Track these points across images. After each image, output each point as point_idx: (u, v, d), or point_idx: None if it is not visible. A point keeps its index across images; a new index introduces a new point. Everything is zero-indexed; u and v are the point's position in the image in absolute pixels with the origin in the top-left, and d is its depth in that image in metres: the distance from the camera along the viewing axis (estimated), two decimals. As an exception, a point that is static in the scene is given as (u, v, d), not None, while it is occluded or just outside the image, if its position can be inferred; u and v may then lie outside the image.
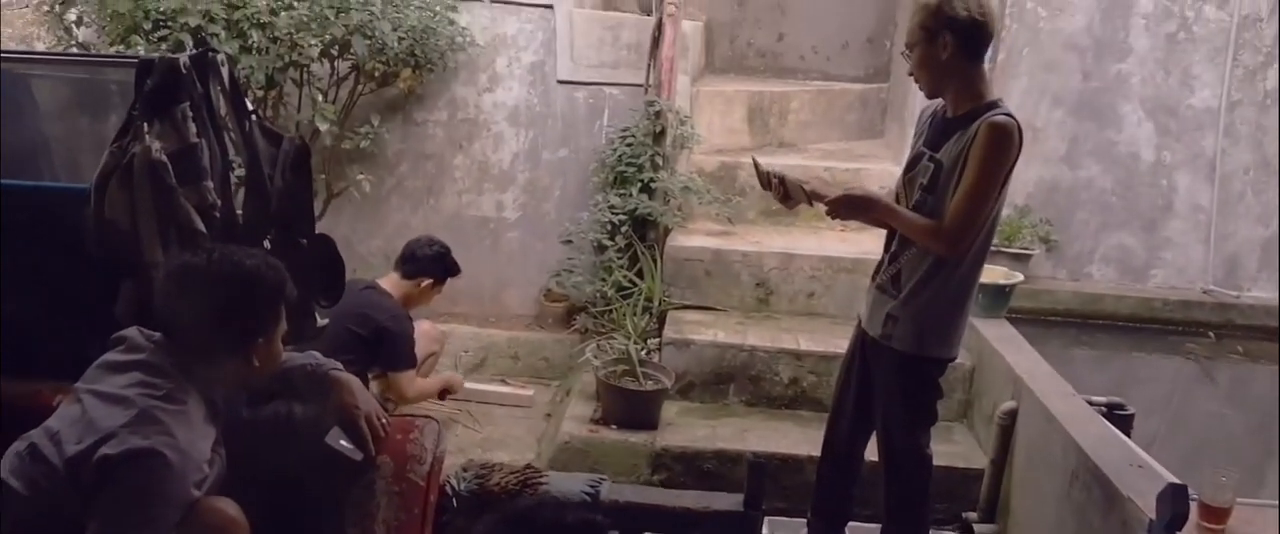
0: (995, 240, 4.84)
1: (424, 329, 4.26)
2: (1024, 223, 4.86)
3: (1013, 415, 3.48)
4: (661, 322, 4.54)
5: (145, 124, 2.18)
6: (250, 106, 2.48)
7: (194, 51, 2.34)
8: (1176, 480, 2.26)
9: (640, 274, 4.66)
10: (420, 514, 2.03)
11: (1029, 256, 4.79)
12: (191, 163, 2.23)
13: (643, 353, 4.20)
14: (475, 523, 2.12)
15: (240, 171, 2.49)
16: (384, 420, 2.10)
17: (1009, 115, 2.55)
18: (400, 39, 4.27)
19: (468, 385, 4.58)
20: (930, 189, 2.62)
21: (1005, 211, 4.97)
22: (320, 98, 4.42)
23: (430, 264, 4.09)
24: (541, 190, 5.25)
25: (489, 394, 4.71)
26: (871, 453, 3.00)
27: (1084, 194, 4.99)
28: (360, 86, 4.61)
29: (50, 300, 2.26)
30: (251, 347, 1.90)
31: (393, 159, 5.13)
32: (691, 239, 4.80)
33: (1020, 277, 4.35)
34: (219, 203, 2.29)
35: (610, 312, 4.64)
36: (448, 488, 2.21)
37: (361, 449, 2.03)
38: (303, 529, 1.99)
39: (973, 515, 3.61)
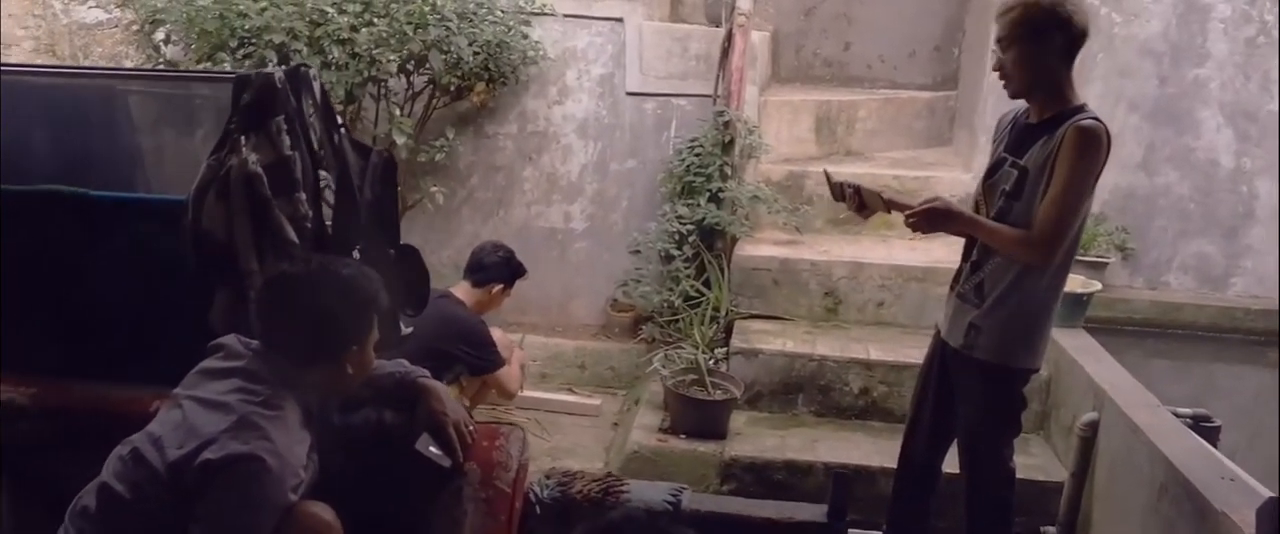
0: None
1: (497, 337, 4.32)
2: (1099, 231, 4.77)
3: (1094, 427, 3.42)
4: (728, 331, 4.54)
5: (242, 137, 2.24)
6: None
7: (288, 67, 2.40)
8: (1275, 494, 2.20)
9: (707, 283, 4.67)
10: (506, 521, 2.06)
11: (1105, 265, 4.71)
12: (285, 175, 2.29)
13: (711, 362, 4.20)
14: (564, 532, 2.17)
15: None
16: (471, 428, 2.14)
17: (1097, 119, 2.52)
18: (475, 53, 4.34)
19: (535, 394, 4.63)
20: (1015, 195, 2.59)
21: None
22: (398, 112, 4.50)
23: (499, 269, 4.15)
24: (609, 201, 5.28)
25: (556, 403, 4.74)
26: (949, 465, 2.97)
27: (1161, 201, 4.89)
28: (435, 100, 4.69)
29: (147, 309, 2.34)
30: (346, 354, 1.95)
31: (464, 171, 5.20)
32: (759, 248, 4.80)
33: (1098, 285, 4.28)
34: (310, 214, 2.35)
35: (677, 321, 4.66)
36: (531, 495, 2.24)
37: (450, 456, 2.07)
38: (396, 534, 2.03)
39: (1051, 530, 3.55)
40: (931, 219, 2.68)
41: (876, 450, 3.96)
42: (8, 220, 2.33)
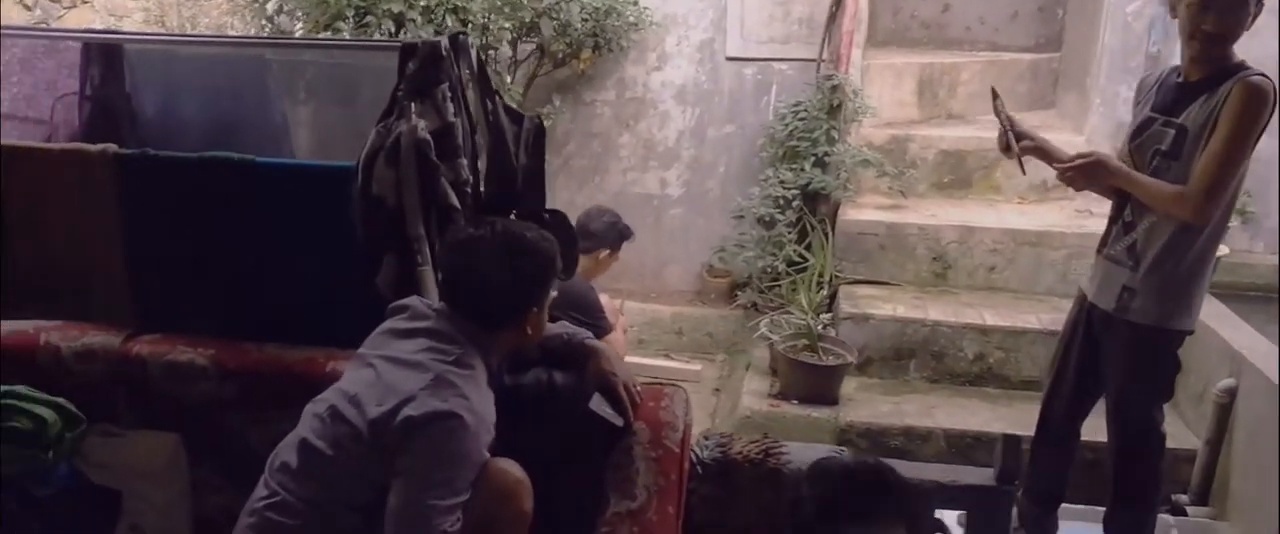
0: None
1: (604, 303, 4.34)
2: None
3: (1232, 393, 3.35)
4: (832, 297, 4.52)
5: (410, 104, 2.26)
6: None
7: (449, 34, 2.42)
8: None
9: (809, 248, 4.65)
10: (677, 480, 2.07)
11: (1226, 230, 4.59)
12: (449, 141, 2.31)
13: (819, 327, 4.19)
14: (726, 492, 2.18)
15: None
16: (638, 388, 2.15)
17: (1264, 76, 2.44)
18: (584, 19, 4.33)
19: (634, 360, 4.64)
20: (1173, 154, 2.52)
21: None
22: (508, 80, 4.53)
23: (605, 234, 4.14)
24: (706, 167, 5.27)
25: (656, 369, 4.76)
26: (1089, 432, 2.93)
27: (1283, 164, 4.75)
28: (540, 68, 4.70)
29: (311, 273, 2.37)
30: (527, 315, 1.97)
31: (561, 138, 5.22)
32: (863, 213, 4.75)
33: (1226, 249, 4.17)
34: (471, 179, 2.37)
35: (777, 286, 4.64)
36: (691, 456, 2.25)
37: (622, 415, 2.09)
38: (567, 492, 2.05)
39: (1184, 498, 3.49)
40: (1087, 174, 2.63)
41: (995, 417, 3.92)
42: (175, 187, 2.39)
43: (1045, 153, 2.75)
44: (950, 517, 2.62)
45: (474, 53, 2.47)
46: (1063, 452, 2.98)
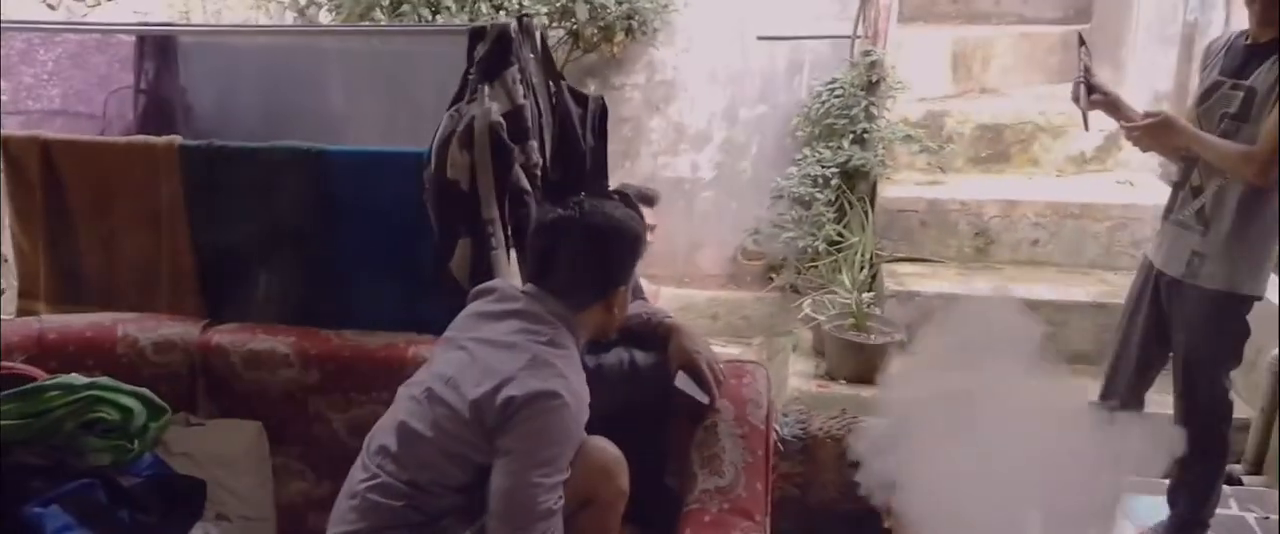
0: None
1: (644, 288, 4.33)
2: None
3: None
4: (873, 275, 4.50)
5: (481, 87, 2.25)
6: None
7: (519, 16, 2.41)
8: None
9: (848, 227, 4.63)
10: (764, 456, 2.06)
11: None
12: (519, 123, 2.30)
13: (863, 306, 4.17)
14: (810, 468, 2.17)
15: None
16: (720, 366, 2.14)
17: None
18: (619, 2, 4.31)
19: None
20: (1241, 117, 2.50)
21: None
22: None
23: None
24: (737, 148, 5.25)
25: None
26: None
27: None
28: (572, 53, 4.68)
29: (383, 259, 2.37)
30: (614, 294, 1.96)
31: (594, 123, 5.19)
32: (902, 190, 4.73)
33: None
34: (541, 161, 2.36)
35: (816, 267, 4.63)
36: (773, 432, 2.24)
37: (707, 392, 2.08)
38: (654, 471, 2.04)
39: (1238, 468, 3.47)
40: (1155, 133, 2.61)
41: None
42: (243, 176, 2.38)
43: (1116, 108, 2.73)
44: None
45: (538, 35, 2.46)
46: (1127, 423, 2.96)
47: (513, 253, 2.34)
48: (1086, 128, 2.84)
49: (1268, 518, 3.14)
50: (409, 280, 2.37)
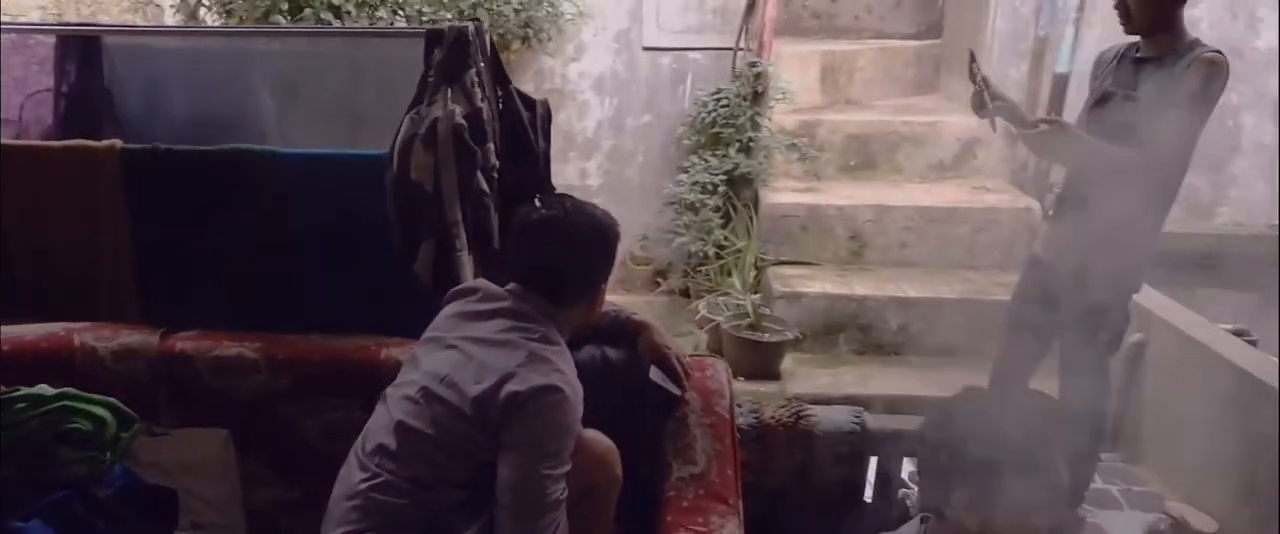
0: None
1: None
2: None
3: (1141, 347, 3.71)
4: (758, 278, 4.73)
5: (445, 90, 2.30)
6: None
7: (471, 21, 2.46)
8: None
9: (735, 232, 4.84)
10: (731, 444, 2.19)
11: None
12: (478, 126, 2.36)
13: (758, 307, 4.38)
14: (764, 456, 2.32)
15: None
16: (687, 360, 2.27)
17: (1219, 52, 2.72)
18: (516, 11, 4.38)
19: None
20: (1131, 126, 2.77)
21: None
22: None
23: None
24: (625, 156, 5.39)
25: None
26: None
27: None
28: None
29: (342, 262, 2.38)
30: (598, 292, 2.05)
31: (483, 129, 5.23)
32: (783, 196, 4.97)
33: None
34: (498, 164, 2.42)
35: (704, 270, 4.82)
36: (733, 421, 2.37)
37: (678, 385, 2.20)
38: (630, 461, 2.14)
39: (1096, 445, 3.84)
40: (1049, 138, 2.86)
41: (922, 381, 4.21)
42: (190, 181, 2.34)
43: (1015, 115, 2.98)
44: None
45: (487, 39, 2.52)
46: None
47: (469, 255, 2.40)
48: (994, 129, 3.08)
49: (1130, 488, 3.51)
50: (369, 283, 2.38)
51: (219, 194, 2.36)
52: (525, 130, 2.52)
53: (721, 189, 4.85)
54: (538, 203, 2.13)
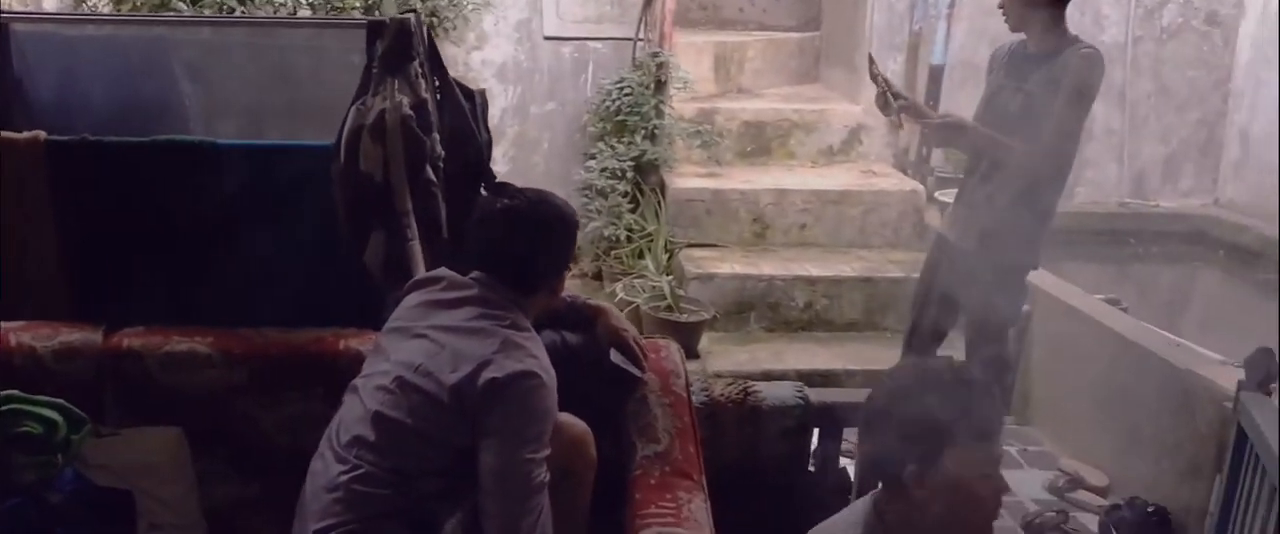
0: (949, 168, 5.40)
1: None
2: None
3: (1027, 318, 3.96)
4: (669, 260, 4.82)
5: (390, 81, 2.29)
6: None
7: (403, 10, 2.45)
8: (1265, 346, 2.73)
9: (644, 216, 4.92)
10: (690, 422, 2.27)
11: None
12: (424, 116, 2.36)
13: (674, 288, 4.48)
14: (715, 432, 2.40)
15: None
16: (642, 341, 2.33)
17: (1094, 47, 2.96)
18: (422, 0, 4.34)
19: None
20: (1023, 116, 2.99)
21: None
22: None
23: None
24: (530, 143, 5.40)
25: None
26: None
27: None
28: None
29: (285, 254, 2.35)
30: (559, 279, 2.09)
31: (382, 118, 5.15)
32: (688, 181, 5.07)
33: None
34: (444, 154, 2.43)
35: (615, 254, 4.89)
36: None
37: (638, 366, 2.26)
38: (597, 442, 2.19)
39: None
40: (948, 130, 3.06)
41: (831, 355, 4.40)
42: (123, 174, 2.27)
43: (917, 112, 3.16)
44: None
45: (425, 30, 2.52)
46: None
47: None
48: (901, 127, 3.25)
49: (1026, 449, 3.76)
50: (316, 276, 2.36)
51: (154, 186, 2.29)
52: (466, 120, 2.53)
53: (629, 175, 4.92)
54: (500, 193, 2.17)
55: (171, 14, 3.56)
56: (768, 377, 4.20)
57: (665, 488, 2.13)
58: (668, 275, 4.67)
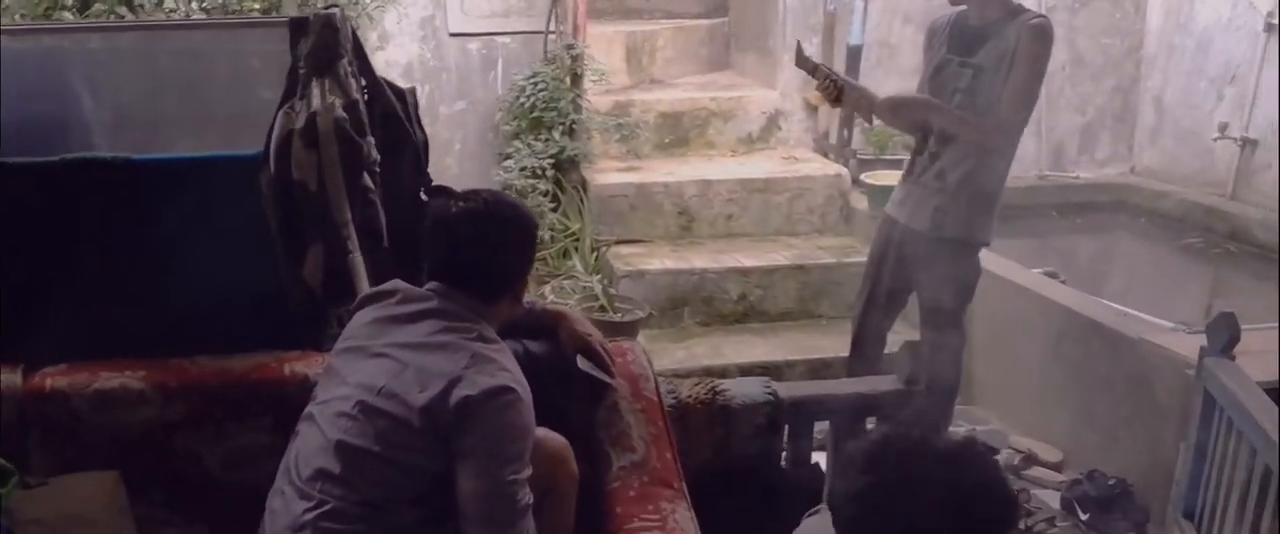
0: (871, 150, 5.40)
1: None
2: (889, 133, 5.38)
3: (969, 295, 3.97)
4: (597, 258, 4.70)
5: (318, 82, 2.12)
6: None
7: (328, 6, 2.28)
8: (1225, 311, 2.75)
9: (566, 215, 4.79)
10: (664, 427, 2.16)
11: (901, 162, 5.34)
12: (357, 118, 2.20)
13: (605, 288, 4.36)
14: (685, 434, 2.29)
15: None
16: (608, 345, 2.21)
17: (1044, 17, 2.93)
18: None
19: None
20: (972, 91, 2.94)
21: (875, 124, 5.50)
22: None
23: None
24: (442, 145, 5.19)
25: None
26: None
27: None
28: (272, 50, 4.39)
29: (215, 274, 2.16)
30: (522, 284, 1.96)
31: (285, 125, 4.90)
32: (609, 176, 4.96)
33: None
34: (380, 158, 2.27)
35: (540, 255, 4.74)
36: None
37: (607, 372, 2.14)
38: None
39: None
40: (898, 106, 3.00)
41: (770, 347, 4.34)
42: (33, 193, 2.05)
43: (865, 96, 3.10)
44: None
45: (350, 26, 2.35)
46: (874, 362, 3.40)
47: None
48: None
49: (974, 428, 3.76)
50: (251, 297, 2.18)
51: (67, 209, 2.07)
52: (399, 121, 2.37)
53: (549, 173, 4.77)
54: (445, 195, 2.03)
55: (58, 23, 3.28)
56: (708, 372, 4.13)
57: (646, 499, 2.02)
58: (597, 275, 4.55)
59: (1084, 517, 3.09)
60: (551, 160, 4.77)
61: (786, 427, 2.48)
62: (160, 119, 2.56)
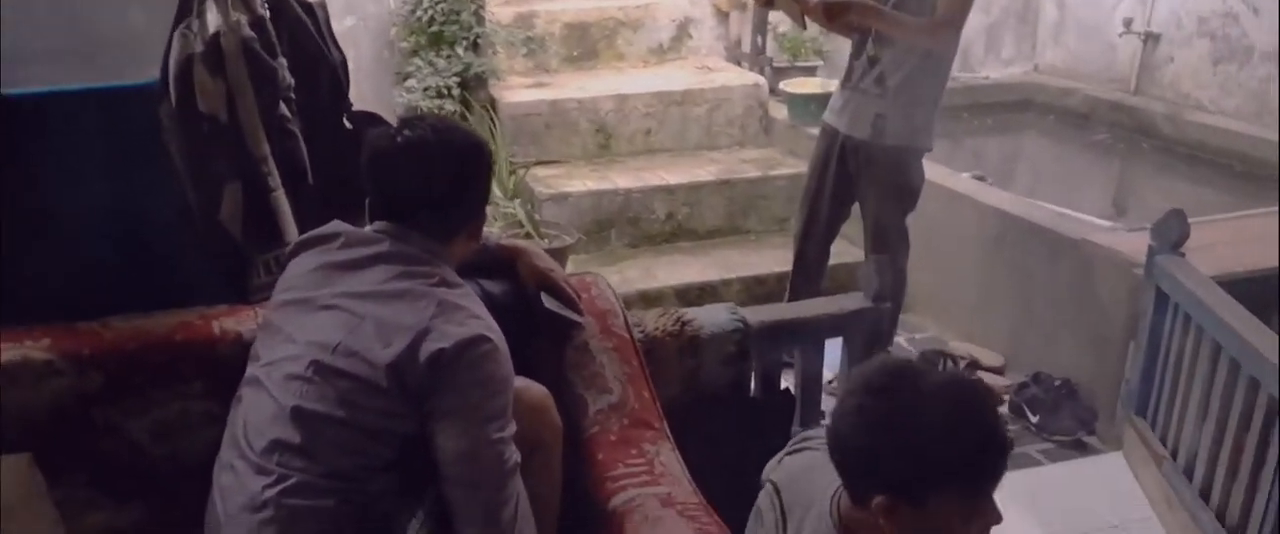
0: (785, 57, 5.26)
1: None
2: (803, 39, 5.26)
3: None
4: (515, 182, 4.47)
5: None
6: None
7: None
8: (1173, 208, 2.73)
9: (477, 137, 4.53)
10: (639, 365, 2.00)
11: (815, 68, 5.24)
12: (265, 39, 1.94)
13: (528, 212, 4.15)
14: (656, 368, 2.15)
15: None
16: (571, 280, 2.03)
17: None
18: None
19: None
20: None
21: (785, 29, 5.32)
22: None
23: None
24: (335, 67, 4.84)
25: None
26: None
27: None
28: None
29: (118, 224, 1.90)
30: (480, 219, 1.76)
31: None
32: (520, 94, 4.70)
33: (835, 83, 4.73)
34: (293, 82, 2.02)
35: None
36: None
37: (574, 309, 1.97)
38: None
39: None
40: (838, 10, 2.86)
41: (702, 266, 4.21)
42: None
43: None
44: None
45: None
46: (817, 277, 3.31)
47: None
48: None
49: (913, 336, 3.73)
50: (162, 247, 1.92)
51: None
52: (311, 38, 2.11)
53: (455, 92, 4.49)
54: (377, 123, 1.81)
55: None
56: (643, 296, 4.00)
57: (628, 443, 1.88)
58: (516, 199, 4.32)
59: (1034, 419, 3.09)
60: (457, 78, 4.49)
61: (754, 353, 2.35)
62: (32, 50, 2.22)
